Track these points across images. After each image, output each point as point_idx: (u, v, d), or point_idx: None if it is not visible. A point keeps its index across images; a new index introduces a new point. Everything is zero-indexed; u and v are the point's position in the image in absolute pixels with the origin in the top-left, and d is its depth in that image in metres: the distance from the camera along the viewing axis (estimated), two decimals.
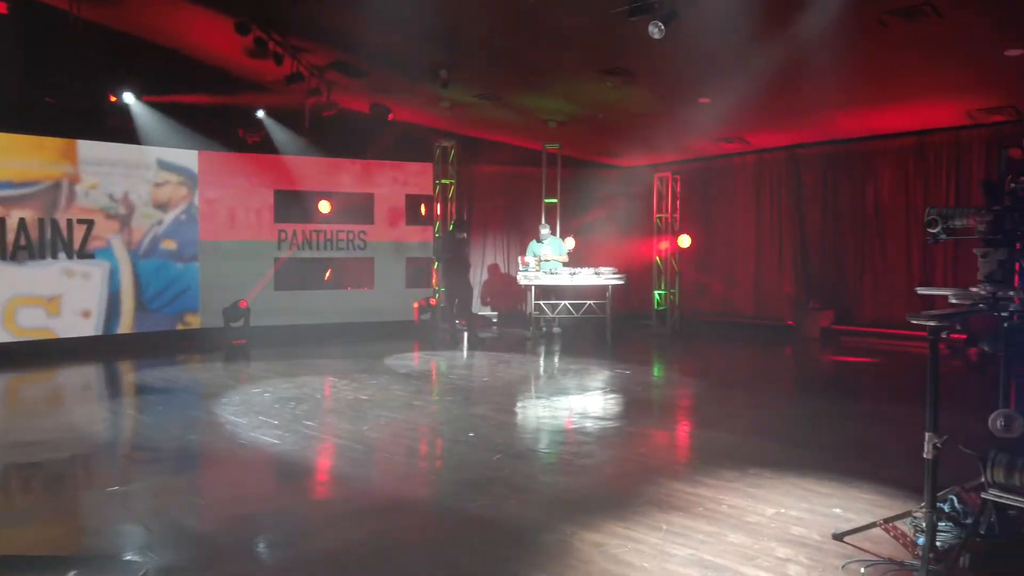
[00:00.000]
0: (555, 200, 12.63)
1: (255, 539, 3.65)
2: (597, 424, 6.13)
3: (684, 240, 12.90)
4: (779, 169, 12.65)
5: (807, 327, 11.65)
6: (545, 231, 11.94)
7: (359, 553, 3.50)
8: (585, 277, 11.25)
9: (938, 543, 3.21)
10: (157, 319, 10.68)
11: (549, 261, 11.59)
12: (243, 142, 11.42)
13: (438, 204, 12.68)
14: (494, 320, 13.53)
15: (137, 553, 3.47)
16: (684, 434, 6.26)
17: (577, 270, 11.34)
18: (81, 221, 9.99)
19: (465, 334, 11.26)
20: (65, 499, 4.43)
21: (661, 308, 13.00)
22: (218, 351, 10.02)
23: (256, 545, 3.58)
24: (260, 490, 4.36)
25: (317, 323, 11.61)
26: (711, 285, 13.57)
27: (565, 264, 11.70)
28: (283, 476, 4.62)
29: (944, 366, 8.82)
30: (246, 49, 8.85)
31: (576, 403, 7.13)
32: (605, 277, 11.23)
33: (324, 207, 11.77)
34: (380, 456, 5.12)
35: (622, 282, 11.36)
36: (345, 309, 11.92)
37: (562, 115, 11.59)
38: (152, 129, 10.49)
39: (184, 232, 10.94)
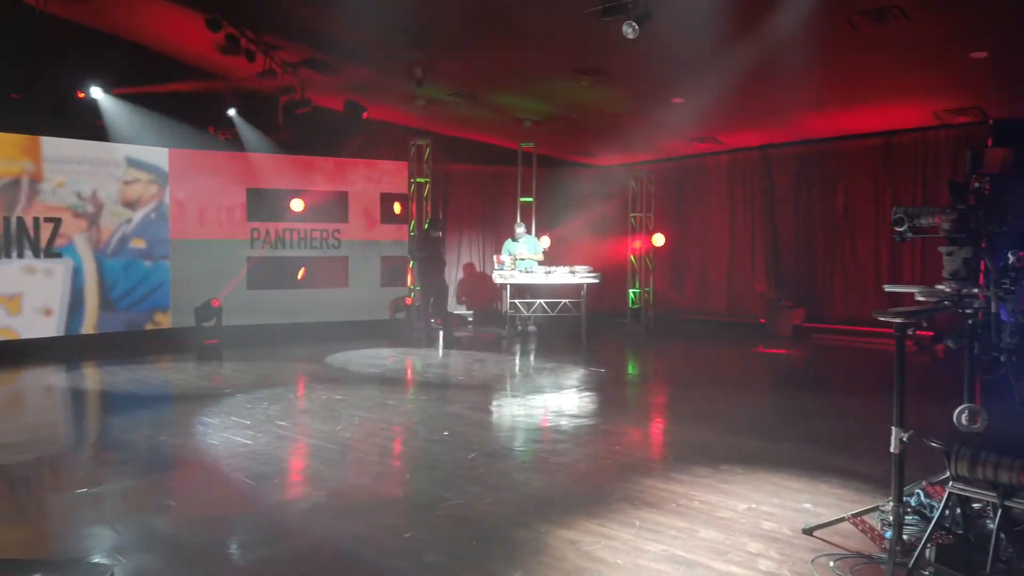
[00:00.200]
0: (530, 199, 12.64)
1: (226, 540, 3.61)
2: (572, 422, 6.15)
3: (658, 239, 12.99)
4: (752, 169, 12.78)
5: (779, 325, 11.79)
6: (520, 230, 11.95)
7: (333, 554, 3.48)
8: (560, 276, 11.28)
9: (905, 536, 3.27)
10: (126, 318, 10.52)
11: (524, 260, 11.60)
12: (215, 139, 11.29)
13: (413, 203, 12.63)
14: (469, 319, 13.52)
15: (105, 555, 3.41)
16: (658, 431, 6.30)
17: (552, 269, 11.37)
18: (48, 219, 9.80)
19: (440, 333, 11.23)
20: (31, 502, 4.34)
21: (636, 306, 13.08)
22: (190, 351, 9.89)
23: (228, 546, 3.54)
24: (231, 491, 4.31)
25: (291, 322, 11.50)
26: (685, 283, 13.69)
27: (540, 263, 11.72)
28: (255, 477, 4.57)
29: (911, 362, 8.99)
30: (217, 46, 8.74)
31: (551, 401, 7.15)
32: (580, 276, 11.27)
33: (297, 205, 11.66)
34: (354, 456, 5.09)
35: (597, 281, 11.41)
36: (319, 308, 11.83)
37: (537, 114, 11.61)
38: (121, 126, 10.33)
39: (154, 231, 10.78)
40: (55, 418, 6.75)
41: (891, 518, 3.23)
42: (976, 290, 3.26)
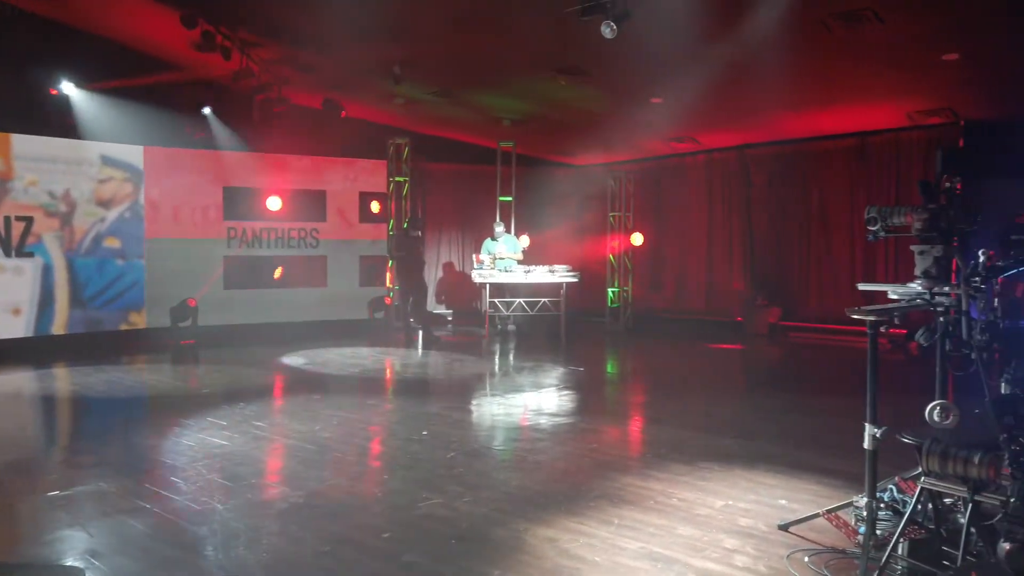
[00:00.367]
0: (510, 198, 12.65)
1: (202, 542, 3.58)
2: (551, 421, 6.16)
3: (637, 238, 13.05)
4: (729, 169, 12.89)
5: (755, 323, 11.90)
6: (500, 229, 11.95)
7: (311, 554, 3.46)
8: (539, 275, 11.30)
9: (878, 531, 3.31)
10: (100, 318, 10.37)
11: (504, 259, 11.61)
12: (190, 137, 11.16)
13: (392, 202, 12.58)
14: (449, 318, 13.50)
15: (79, 558, 3.37)
16: (636, 429, 6.33)
17: (532, 268, 11.38)
18: (20, 218, 9.64)
19: (420, 332, 11.21)
20: (2, 505, 4.27)
21: (614, 305, 13.13)
22: (165, 351, 9.78)
23: (203, 548, 3.50)
24: (208, 492, 4.27)
25: (268, 322, 11.41)
26: (663, 282, 13.77)
27: (520, 262, 11.73)
28: (232, 478, 4.53)
29: (885, 359, 9.10)
30: (193, 43, 8.64)
31: (530, 400, 7.15)
32: (559, 275, 11.29)
33: (274, 204, 11.57)
34: (332, 456, 5.07)
35: (576, 280, 11.44)
36: (297, 308, 11.75)
37: (517, 113, 11.61)
38: (96, 124, 10.18)
39: (129, 229, 10.64)
40: (25, 420, 6.63)
41: (864, 513, 3.27)
42: (947, 288, 3.30)
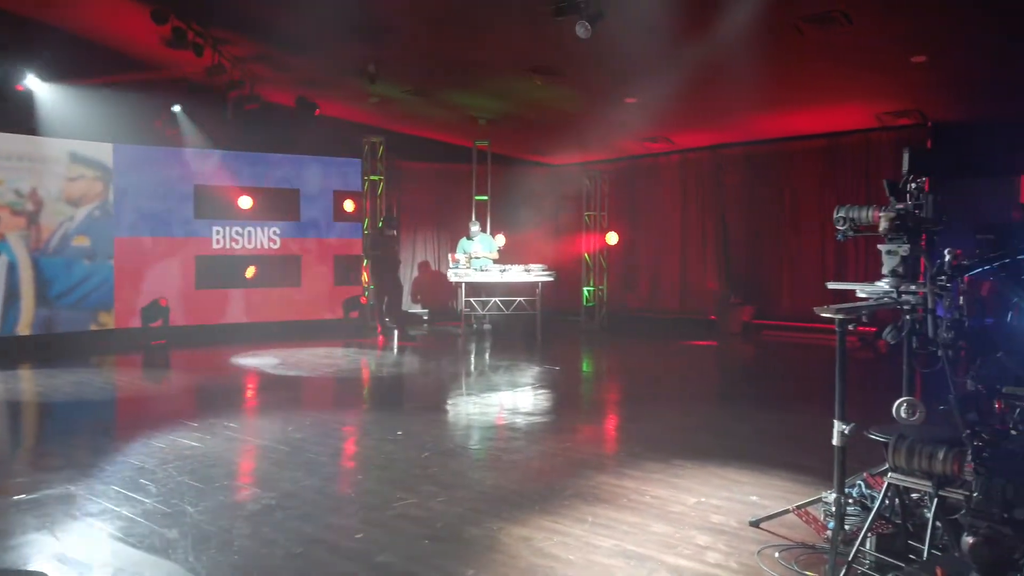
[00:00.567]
0: (485, 197, 12.64)
1: (173, 545, 3.53)
2: (526, 420, 6.17)
3: (612, 237, 13.11)
4: (703, 169, 13.00)
5: (729, 322, 12.01)
6: (475, 228, 11.94)
7: (283, 556, 3.43)
8: (515, 274, 11.31)
9: (847, 526, 3.36)
10: (68, 318, 10.19)
11: (479, 258, 11.59)
12: (162, 135, 11.01)
13: (367, 200, 12.51)
14: (424, 317, 13.46)
15: (46, 563, 3.31)
16: (611, 428, 6.36)
17: (507, 267, 11.38)
18: None
19: (395, 332, 11.16)
20: None
21: (590, 304, 13.19)
22: (135, 352, 9.64)
23: (174, 551, 3.46)
24: (178, 495, 4.21)
25: (241, 322, 11.30)
26: (638, 281, 13.85)
27: (495, 261, 11.72)
28: (203, 480, 4.48)
29: (856, 357, 9.23)
30: (164, 39, 8.52)
31: (506, 399, 7.16)
32: (535, 274, 11.31)
33: (246, 203, 11.44)
34: (305, 457, 5.03)
35: (552, 279, 11.47)
36: (271, 307, 11.64)
37: (492, 112, 11.61)
38: (64, 121, 9.98)
39: (98, 228, 10.47)
40: None
41: (833, 509, 3.32)
42: (914, 287, 3.36)
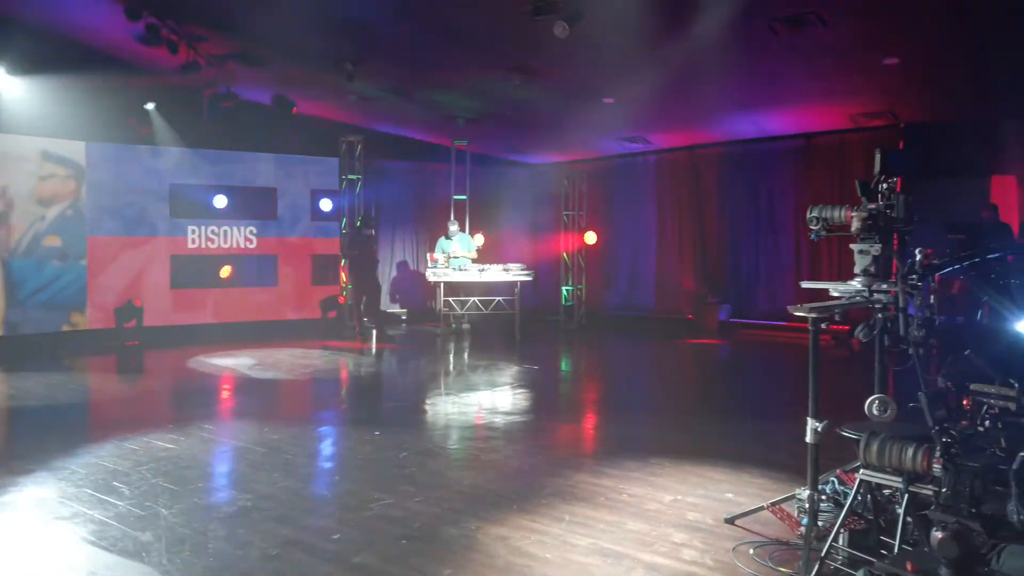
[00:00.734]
0: (464, 197, 12.63)
1: (147, 547, 3.49)
2: (505, 419, 6.18)
3: (590, 237, 13.17)
4: (680, 168, 13.07)
5: (706, 321, 12.11)
6: (454, 228, 11.92)
7: (259, 558, 3.41)
8: (494, 274, 11.31)
9: (820, 522, 3.40)
10: (38, 320, 10.01)
11: (458, 258, 11.58)
12: (136, 133, 10.87)
13: (345, 200, 12.44)
14: (403, 317, 13.41)
15: (16, 568, 3.26)
16: (590, 427, 6.39)
17: (486, 267, 11.39)
18: None
19: (373, 331, 11.12)
20: None
21: (568, 304, 13.23)
22: (108, 353, 9.51)
23: (148, 554, 3.42)
24: (152, 497, 4.17)
25: (217, 322, 11.19)
26: (616, 281, 13.92)
27: (474, 261, 11.72)
28: (178, 482, 4.43)
29: (829, 355, 9.34)
30: (137, 35, 8.41)
31: (485, 399, 7.16)
32: (514, 273, 11.32)
33: (221, 202, 11.32)
34: (282, 458, 4.99)
35: (530, 279, 11.49)
36: (247, 307, 11.54)
37: (471, 112, 11.59)
38: (36, 119, 9.81)
39: (70, 228, 10.31)
40: None
41: (807, 506, 3.36)
42: (886, 286, 3.41)
